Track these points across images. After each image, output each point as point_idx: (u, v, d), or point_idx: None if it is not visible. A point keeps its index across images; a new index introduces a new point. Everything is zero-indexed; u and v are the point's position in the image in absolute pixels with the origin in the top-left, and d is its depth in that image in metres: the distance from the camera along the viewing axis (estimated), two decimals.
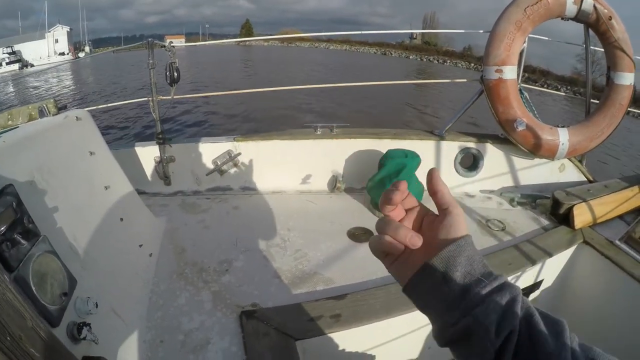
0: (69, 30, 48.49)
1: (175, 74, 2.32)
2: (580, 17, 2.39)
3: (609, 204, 2.26)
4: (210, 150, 2.58)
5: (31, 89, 20.45)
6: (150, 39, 2.26)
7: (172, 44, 2.30)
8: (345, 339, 1.48)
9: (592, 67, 2.75)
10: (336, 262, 1.89)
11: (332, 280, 1.76)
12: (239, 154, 2.59)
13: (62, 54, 44.74)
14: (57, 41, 46.10)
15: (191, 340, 1.39)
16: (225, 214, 2.33)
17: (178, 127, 9.87)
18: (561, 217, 2.27)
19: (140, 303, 1.53)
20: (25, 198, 1.11)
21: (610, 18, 2.36)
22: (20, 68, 37.01)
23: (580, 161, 2.74)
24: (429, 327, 1.74)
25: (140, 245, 1.81)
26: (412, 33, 69.99)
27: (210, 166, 2.59)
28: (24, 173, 1.21)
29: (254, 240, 2.05)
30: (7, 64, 36.85)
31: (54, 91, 19.19)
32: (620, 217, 2.28)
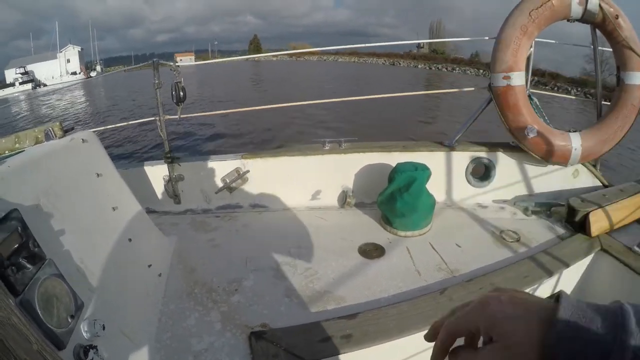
0: (80, 50, 49.70)
1: (182, 93, 2.34)
2: (586, 17, 2.34)
3: (626, 209, 2.19)
4: (218, 168, 2.58)
5: (44, 108, 20.90)
6: (155, 59, 2.28)
7: (177, 64, 2.32)
8: None
9: (601, 67, 2.70)
10: (347, 280, 1.85)
11: (344, 299, 1.72)
12: (248, 171, 2.58)
13: (74, 73, 45.85)
14: (68, 61, 47.26)
15: None
16: (235, 232, 2.31)
17: (187, 146, 9.93)
18: (577, 224, 2.20)
19: (150, 324, 1.52)
20: (30, 222, 1.12)
21: (617, 17, 2.31)
22: (34, 88, 37.95)
23: (594, 166, 2.68)
24: None
25: (150, 266, 1.80)
26: (419, 43, 70.01)
27: (220, 184, 2.59)
28: (30, 197, 1.21)
29: (264, 258, 2.02)
30: (21, 83, 37.89)
31: (69, 111, 19.60)
32: (638, 221, 2.21)
